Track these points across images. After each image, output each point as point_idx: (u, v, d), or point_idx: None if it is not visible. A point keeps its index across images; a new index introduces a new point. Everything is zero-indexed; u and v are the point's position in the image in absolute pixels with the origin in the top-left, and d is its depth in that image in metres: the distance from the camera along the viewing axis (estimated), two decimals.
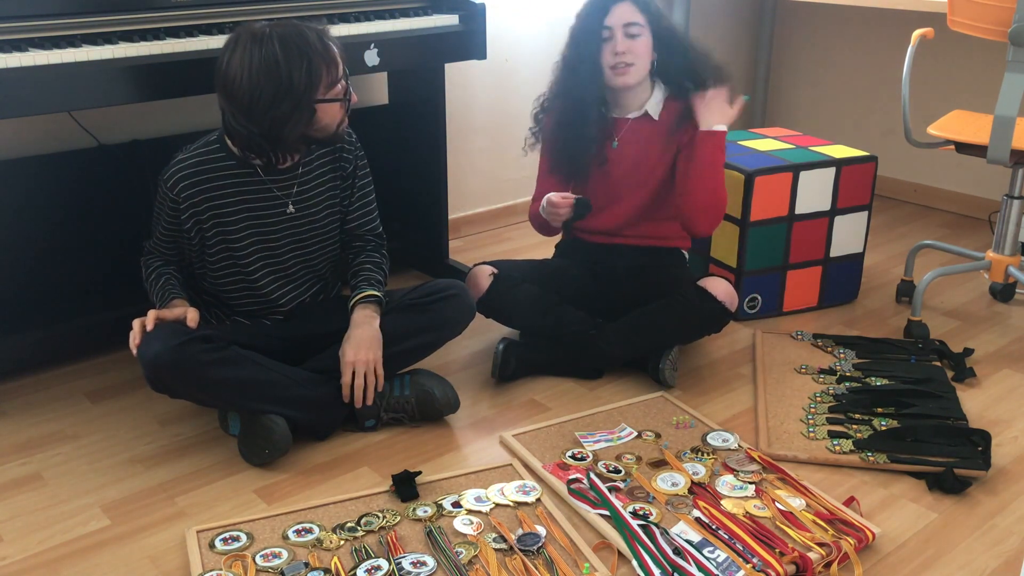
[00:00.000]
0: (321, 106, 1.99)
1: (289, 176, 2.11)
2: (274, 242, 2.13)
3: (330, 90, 1.99)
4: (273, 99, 1.92)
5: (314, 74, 1.94)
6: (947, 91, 3.64)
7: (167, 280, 2.13)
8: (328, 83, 1.98)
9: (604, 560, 1.73)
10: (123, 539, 1.83)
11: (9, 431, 2.20)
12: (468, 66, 3.21)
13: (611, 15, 2.33)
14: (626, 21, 2.32)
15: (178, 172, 2.04)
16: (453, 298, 2.22)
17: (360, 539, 1.79)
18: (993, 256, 2.71)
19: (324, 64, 1.95)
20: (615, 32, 2.33)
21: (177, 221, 2.08)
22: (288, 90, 1.92)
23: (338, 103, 2.03)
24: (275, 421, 2.02)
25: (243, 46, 1.92)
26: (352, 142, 2.20)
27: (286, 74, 1.91)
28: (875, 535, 1.79)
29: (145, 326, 1.96)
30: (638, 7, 2.33)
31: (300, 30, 1.95)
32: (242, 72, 1.91)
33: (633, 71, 2.35)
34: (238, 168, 2.06)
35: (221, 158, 2.06)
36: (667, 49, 2.38)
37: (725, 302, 2.34)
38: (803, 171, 2.67)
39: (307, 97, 1.95)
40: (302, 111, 1.96)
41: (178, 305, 2.06)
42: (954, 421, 2.17)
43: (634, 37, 2.33)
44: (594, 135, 2.42)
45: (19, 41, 2.03)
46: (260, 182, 2.09)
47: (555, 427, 2.18)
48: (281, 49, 1.90)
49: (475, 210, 3.56)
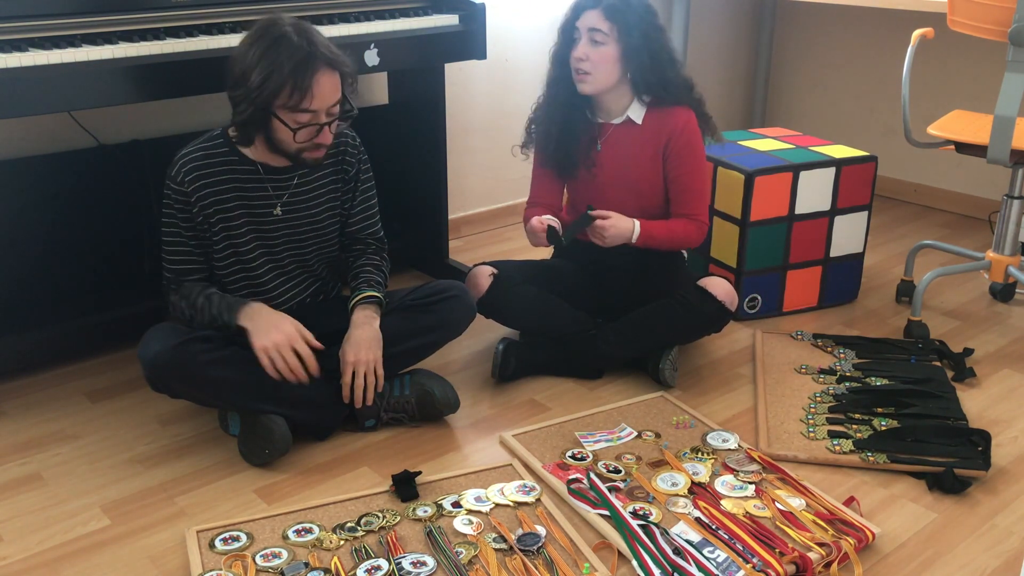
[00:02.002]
0: (276, 120, 1.95)
1: (287, 178, 2.11)
2: (271, 240, 2.14)
3: (293, 113, 1.93)
4: (236, 80, 1.93)
5: (269, 86, 1.89)
6: (947, 91, 3.64)
7: (218, 295, 2.07)
8: (290, 104, 1.92)
9: (604, 560, 1.73)
10: (123, 539, 1.83)
11: (9, 431, 2.20)
12: (468, 66, 3.21)
13: (581, 18, 2.31)
14: (591, 26, 2.29)
15: (185, 164, 2.04)
16: (454, 299, 2.22)
17: (360, 539, 1.79)
18: (993, 256, 2.71)
19: (290, 87, 1.89)
20: (581, 35, 2.32)
21: (194, 221, 2.06)
22: (241, 79, 1.92)
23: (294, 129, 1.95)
24: (275, 421, 2.02)
25: (257, 24, 1.95)
26: (355, 145, 2.20)
27: (249, 65, 1.91)
28: (875, 535, 1.79)
29: (303, 359, 1.98)
30: (606, 15, 2.28)
31: (301, 48, 1.89)
32: (240, 45, 1.96)
33: (590, 80, 2.32)
34: (239, 164, 2.07)
35: (224, 152, 2.06)
36: (639, 65, 2.32)
37: (725, 302, 2.34)
38: (803, 171, 2.67)
39: (259, 98, 1.91)
40: (257, 109, 1.93)
41: (260, 308, 2.03)
42: (954, 421, 2.17)
43: (597, 44, 2.29)
44: (577, 134, 2.42)
45: (19, 41, 2.03)
46: (258, 180, 2.09)
47: (555, 427, 2.18)
48: (265, 45, 1.90)
49: (475, 210, 3.56)
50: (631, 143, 2.41)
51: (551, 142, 2.44)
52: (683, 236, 2.40)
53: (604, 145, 2.43)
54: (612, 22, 2.29)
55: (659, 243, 2.39)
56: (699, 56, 4.08)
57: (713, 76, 4.21)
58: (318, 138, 2.00)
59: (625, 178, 2.43)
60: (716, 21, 4.14)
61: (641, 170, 2.41)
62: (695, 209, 2.41)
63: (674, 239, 2.41)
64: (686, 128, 2.38)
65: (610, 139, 2.43)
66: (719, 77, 4.25)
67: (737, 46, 4.26)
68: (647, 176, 2.42)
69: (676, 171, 2.40)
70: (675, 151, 2.38)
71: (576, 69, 2.33)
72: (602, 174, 2.44)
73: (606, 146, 2.43)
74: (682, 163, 2.39)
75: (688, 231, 2.40)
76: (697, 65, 4.06)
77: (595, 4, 2.30)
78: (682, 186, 2.40)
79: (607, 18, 2.29)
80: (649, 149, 2.40)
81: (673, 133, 2.37)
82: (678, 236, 2.40)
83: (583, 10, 2.32)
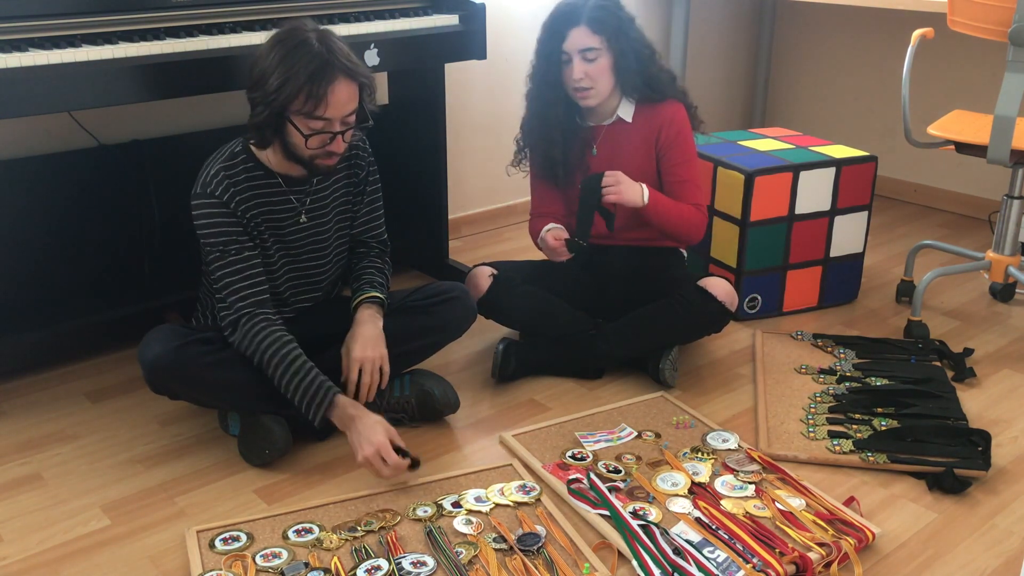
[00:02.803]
0: (291, 124, 1.94)
1: (305, 185, 2.11)
2: (295, 250, 2.13)
3: (307, 119, 1.92)
4: (256, 82, 1.93)
5: (286, 91, 1.89)
6: (947, 91, 3.64)
7: (297, 355, 1.97)
8: (304, 111, 1.91)
9: (604, 560, 1.73)
10: (123, 539, 1.83)
11: (9, 431, 2.20)
12: (468, 66, 3.20)
13: (568, 40, 2.30)
14: (581, 47, 2.29)
15: (219, 179, 1.98)
16: (455, 300, 2.22)
17: (360, 539, 1.79)
18: (993, 256, 2.70)
19: (306, 94, 1.89)
20: (572, 57, 2.31)
21: (249, 233, 2.01)
22: (260, 82, 1.92)
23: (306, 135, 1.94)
24: (275, 421, 2.02)
25: (281, 28, 1.96)
26: (366, 149, 2.20)
27: (268, 69, 1.90)
28: (875, 535, 1.79)
29: (386, 461, 1.89)
30: (593, 30, 2.28)
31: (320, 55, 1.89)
32: (262, 47, 1.96)
33: (593, 93, 2.34)
34: (264, 178, 2.05)
35: (250, 168, 2.04)
36: (626, 65, 2.33)
37: (725, 302, 2.35)
38: (803, 171, 2.67)
39: (276, 103, 1.91)
40: (273, 113, 1.92)
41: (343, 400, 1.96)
42: (954, 421, 2.17)
43: (591, 61, 2.30)
44: (571, 146, 2.42)
45: (19, 41, 2.03)
46: (281, 192, 2.07)
47: (555, 427, 2.18)
48: (286, 50, 1.90)
49: (475, 210, 3.56)
50: (624, 141, 2.42)
51: (546, 155, 2.44)
52: (688, 218, 2.39)
53: (599, 148, 2.44)
54: (600, 34, 2.29)
55: (669, 214, 2.37)
56: (699, 56, 4.08)
57: (713, 76, 4.21)
58: (331, 146, 1.98)
59: None
60: (716, 21, 4.14)
61: (636, 167, 2.42)
62: (694, 198, 2.41)
63: (681, 217, 2.39)
64: (675, 118, 2.39)
65: (604, 141, 2.44)
66: (719, 77, 4.25)
67: (737, 46, 4.26)
68: (642, 173, 2.42)
69: (669, 162, 2.40)
70: (666, 142, 2.39)
71: (576, 89, 2.33)
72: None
73: (601, 149, 2.44)
74: (674, 153, 2.40)
75: (692, 213, 2.40)
76: (697, 65, 4.07)
77: (576, 21, 2.29)
78: (677, 177, 2.41)
79: (595, 32, 2.29)
80: (642, 145, 2.41)
81: (663, 124, 2.39)
82: (684, 216, 2.39)
83: (566, 31, 2.30)
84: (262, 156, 2.05)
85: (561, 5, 2.34)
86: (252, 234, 2.04)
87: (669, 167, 2.41)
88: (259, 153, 2.05)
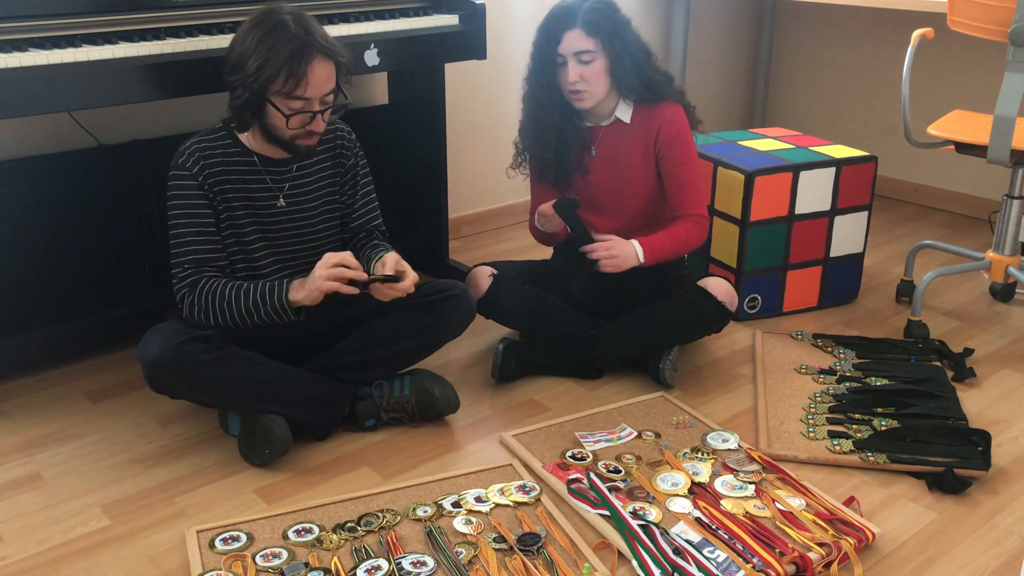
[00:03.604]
0: (271, 105, 1.98)
1: (285, 169, 2.12)
2: (274, 232, 2.14)
3: (287, 99, 1.96)
4: (234, 65, 1.96)
5: (265, 72, 1.92)
6: (947, 91, 3.64)
7: (250, 283, 2.02)
8: (284, 91, 1.95)
9: (604, 560, 1.73)
10: (123, 539, 1.83)
11: (9, 431, 2.20)
12: (468, 66, 3.20)
13: (563, 43, 2.30)
14: (576, 50, 2.28)
15: (192, 152, 2.03)
16: (454, 299, 2.22)
17: (360, 539, 1.79)
18: (993, 256, 2.70)
19: (285, 74, 1.93)
20: (567, 59, 2.31)
21: (211, 205, 2.05)
22: (239, 64, 1.95)
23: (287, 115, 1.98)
24: (275, 421, 2.02)
25: (256, 11, 1.98)
26: (350, 138, 2.21)
27: (246, 51, 1.93)
28: (875, 535, 1.79)
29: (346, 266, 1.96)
30: (587, 32, 2.28)
31: (298, 36, 1.92)
32: (239, 31, 1.99)
33: (588, 95, 2.33)
34: (240, 156, 2.07)
35: (227, 144, 2.07)
36: (622, 67, 2.33)
37: (725, 302, 2.35)
38: (803, 171, 2.67)
39: (255, 84, 1.94)
40: (252, 95, 1.96)
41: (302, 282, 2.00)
42: (954, 421, 2.17)
43: (586, 63, 2.30)
44: (569, 147, 2.42)
45: (19, 41, 2.03)
46: (257, 172, 2.09)
47: (555, 427, 2.18)
48: (263, 32, 1.93)
49: (475, 210, 3.56)
50: (623, 142, 2.42)
51: (545, 158, 2.44)
52: (687, 239, 2.39)
53: (598, 149, 2.43)
54: (595, 37, 2.29)
55: (667, 254, 2.38)
56: (699, 56, 4.08)
57: (713, 76, 4.21)
58: (311, 125, 2.02)
59: (619, 179, 2.43)
60: (716, 21, 4.14)
61: (635, 169, 2.41)
62: (693, 205, 2.40)
63: (679, 245, 2.39)
64: (674, 119, 2.39)
65: (603, 142, 2.43)
66: (719, 77, 4.25)
67: (737, 46, 4.26)
68: (641, 175, 2.42)
69: (669, 164, 2.40)
70: (665, 142, 2.39)
71: (571, 91, 2.33)
72: (596, 178, 2.44)
73: (600, 150, 2.43)
74: (673, 154, 2.39)
75: (690, 233, 2.39)
76: (697, 65, 4.07)
77: (571, 24, 2.28)
78: (677, 180, 2.40)
79: (589, 35, 2.28)
80: (640, 146, 2.41)
81: (662, 125, 2.38)
82: (682, 240, 2.39)
83: (561, 34, 2.30)
84: (242, 136, 2.08)
85: (556, 7, 2.34)
86: (220, 209, 2.06)
87: (669, 168, 2.41)
88: (240, 134, 2.07)
